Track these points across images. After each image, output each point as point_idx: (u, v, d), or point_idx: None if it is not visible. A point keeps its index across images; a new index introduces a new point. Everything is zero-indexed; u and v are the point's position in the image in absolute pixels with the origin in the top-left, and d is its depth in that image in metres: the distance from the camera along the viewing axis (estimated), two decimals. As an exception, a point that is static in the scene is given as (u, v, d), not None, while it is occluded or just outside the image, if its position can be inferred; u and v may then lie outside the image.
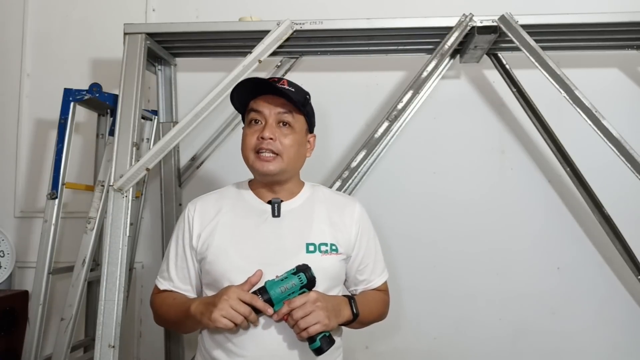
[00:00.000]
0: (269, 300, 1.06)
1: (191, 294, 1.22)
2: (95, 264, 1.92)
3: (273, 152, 1.15)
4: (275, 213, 1.19)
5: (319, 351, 1.07)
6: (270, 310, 1.06)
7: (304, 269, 1.10)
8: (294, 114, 1.18)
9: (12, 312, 1.95)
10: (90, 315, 2.01)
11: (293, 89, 1.19)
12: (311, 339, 1.06)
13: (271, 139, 1.14)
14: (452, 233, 2.06)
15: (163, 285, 1.23)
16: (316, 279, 1.10)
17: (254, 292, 1.07)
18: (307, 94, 1.23)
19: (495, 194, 2.07)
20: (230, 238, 1.16)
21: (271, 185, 1.21)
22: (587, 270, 2.02)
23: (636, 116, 2.02)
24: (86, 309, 2.01)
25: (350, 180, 1.67)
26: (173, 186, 2.05)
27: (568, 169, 1.95)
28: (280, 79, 1.20)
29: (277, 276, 1.09)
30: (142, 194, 2.05)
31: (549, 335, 2.03)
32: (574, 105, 1.59)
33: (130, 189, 1.57)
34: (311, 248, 1.16)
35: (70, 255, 1.86)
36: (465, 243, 2.06)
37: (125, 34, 1.73)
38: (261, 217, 1.19)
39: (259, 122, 1.18)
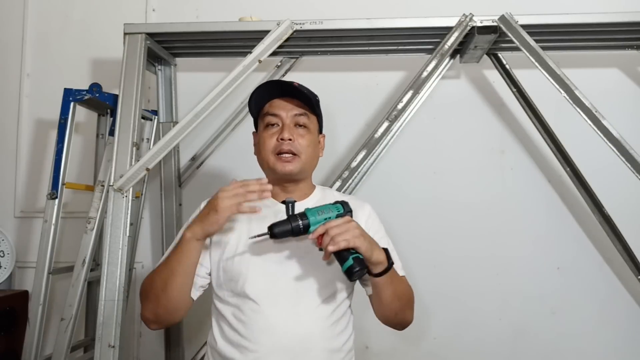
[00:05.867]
0: (307, 224, 1.08)
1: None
2: (95, 264, 1.92)
3: (292, 153, 1.19)
4: (290, 212, 1.19)
5: (350, 272, 1.04)
6: (268, 185, 1.08)
7: (342, 202, 1.12)
8: (309, 115, 1.23)
9: (12, 312, 1.95)
10: (90, 315, 2.01)
11: (306, 91, 1.21)
12: (343, 259, 1.04)
13: (290, 140, 1.18)
14: (452, 233, 2.06)
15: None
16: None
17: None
18: (317, 96, 1.26)
19: (495, 194, 2.07)
20: (246, 237, 1.16)
21: (286, 185, 1.24)
22: (587, 270, 2.02)
23: (636, 116, 2.02)
24: (86, 309, 2.01)
25: (350, 180, 1.67)
26: (173, 186, 2.05)
27: (568, 169, 1.94)
28: (290, 82, 1.23)
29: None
30: (142, 194, 2.05)
31: (549, 335, 2.03)
32: (574, 105, 1.59)
33: (130, 189, 1.57)
34: None
35: (70, 255, 1.86)
36: (465, 243, 2.06)
37: (125, 34, 1.73)
38: (276, 216, 1.18)
39: (275, 125, 1.21)
